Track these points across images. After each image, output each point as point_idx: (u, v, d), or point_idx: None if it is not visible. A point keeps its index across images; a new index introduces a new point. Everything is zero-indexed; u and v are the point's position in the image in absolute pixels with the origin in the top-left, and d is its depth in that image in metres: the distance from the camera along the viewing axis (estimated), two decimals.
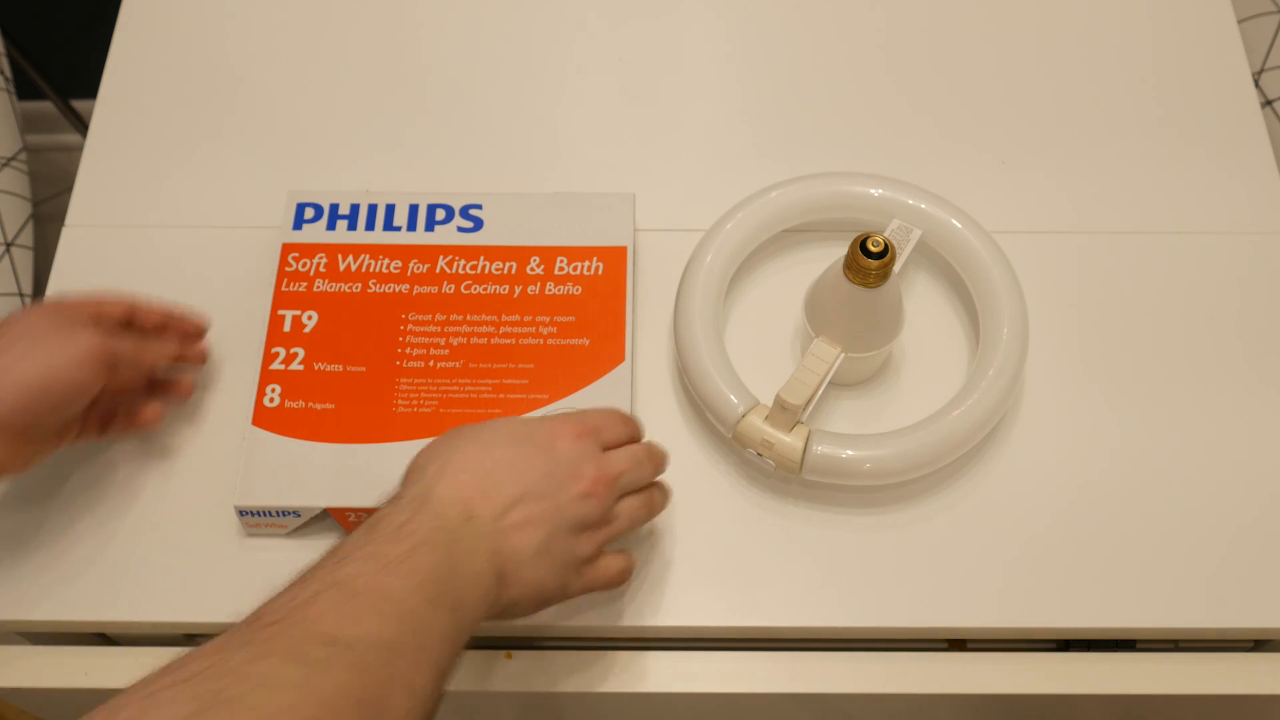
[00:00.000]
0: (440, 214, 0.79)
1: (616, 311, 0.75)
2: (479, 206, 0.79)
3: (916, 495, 0.73)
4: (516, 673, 0.68)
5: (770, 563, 0.71)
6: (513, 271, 0.76)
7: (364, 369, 0.73)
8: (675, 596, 0.71)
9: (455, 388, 0.72)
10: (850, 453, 0.70)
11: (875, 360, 0.75)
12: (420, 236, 0.78)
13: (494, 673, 0.69)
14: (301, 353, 0.74)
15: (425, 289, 0.76)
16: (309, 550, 0.71)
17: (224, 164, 0.86)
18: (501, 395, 0.72)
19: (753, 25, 0.92)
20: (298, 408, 0.72)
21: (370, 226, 0.78)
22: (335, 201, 0.79)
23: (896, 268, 0.69)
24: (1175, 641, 0.72)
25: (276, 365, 0.74)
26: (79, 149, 0.89)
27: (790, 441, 0.70)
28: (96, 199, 0.85)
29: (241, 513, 0.70)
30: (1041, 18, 0.92)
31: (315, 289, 0.76)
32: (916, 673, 0.68)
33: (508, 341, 0.74)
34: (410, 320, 0.75)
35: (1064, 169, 0.85)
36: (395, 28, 0.92)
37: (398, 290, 0.76)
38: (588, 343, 0.74)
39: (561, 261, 0.76)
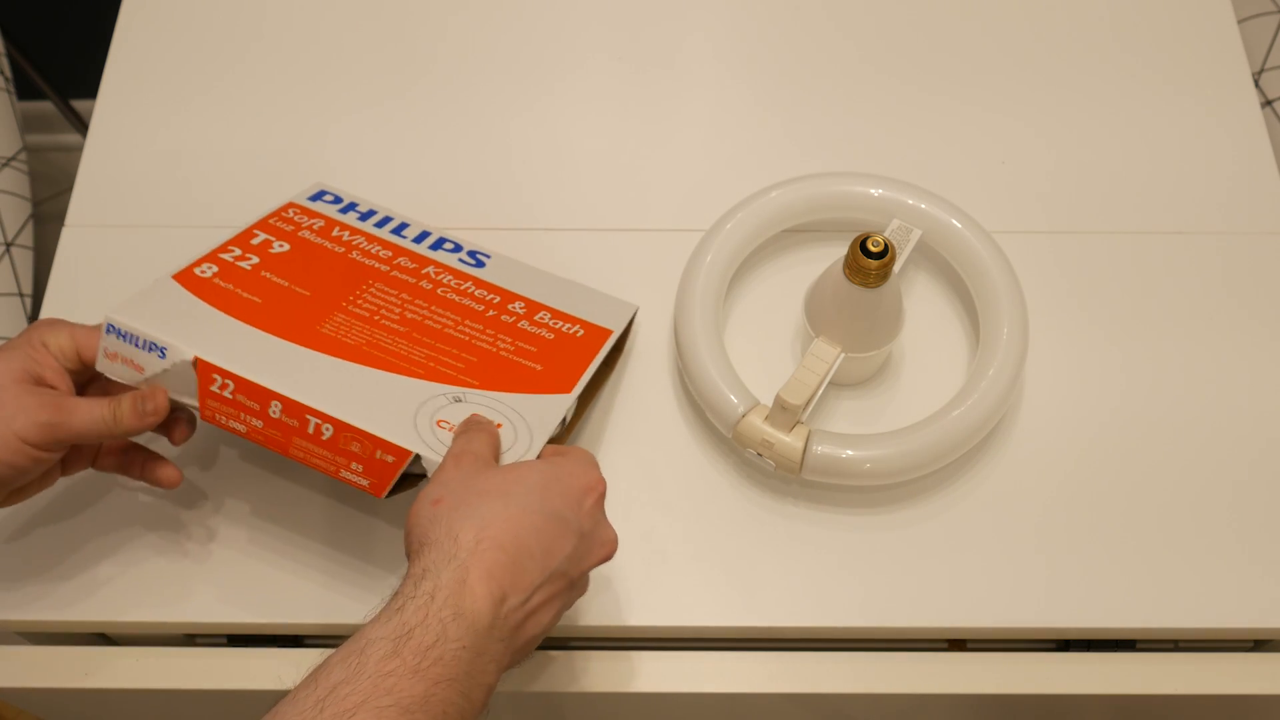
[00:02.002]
0: (449, 245, 0.78)
1: (579, 363, 0.72)
2: (488, 256, 0.78)
3: (916, 495, 0.73)
4: (517, 673, 0.68)
5: (770, 563, 0.71)
6: (494, 302, 0.74)
7: (308, 294, 0.70)
8: (675, 596, 0.71)
9: (388, 340, 0.69)
10: (850, 453, 0.70)
11: (875, 360, 0.75)
12: (421, 249, 0.77)
13: None
14: (255, 259, 0.71)
15: (402, 275, 0.74)
16: (302, 568, 0.72)
17: (224, 164, 0.86)
18: (429, 364, 0.68)
19: (753, 25, 0.92)
20: (224, 288, 0.68)
21: (379, 226, 0.78)
22: (355, 201, 0.79)
23: (896, 268, 0.69)
24: (1175, 641, 0.72)
25: (225, 256, 0.70)
26: (79, 149, 0.89)
27: (790, 441, 0.70)
28: (96, 199, 0.85)
29: (109, 329, 0.64)
30: (1041, 18, 0.92)
31: (299, 235, 0.74)
32: (916, 673, 0.68)
33: (460, 337, 0.71)
34: (374, 287, 0.72)
35: (1064, 168, 0.85)
36: (393, 23, 0.92)
37: (375, 266, 0.74)
38: (539, 368, 0.71)
39: (544, 315, 0.75)
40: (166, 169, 0.86)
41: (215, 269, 0.70)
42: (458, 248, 0.78)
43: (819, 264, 0.75)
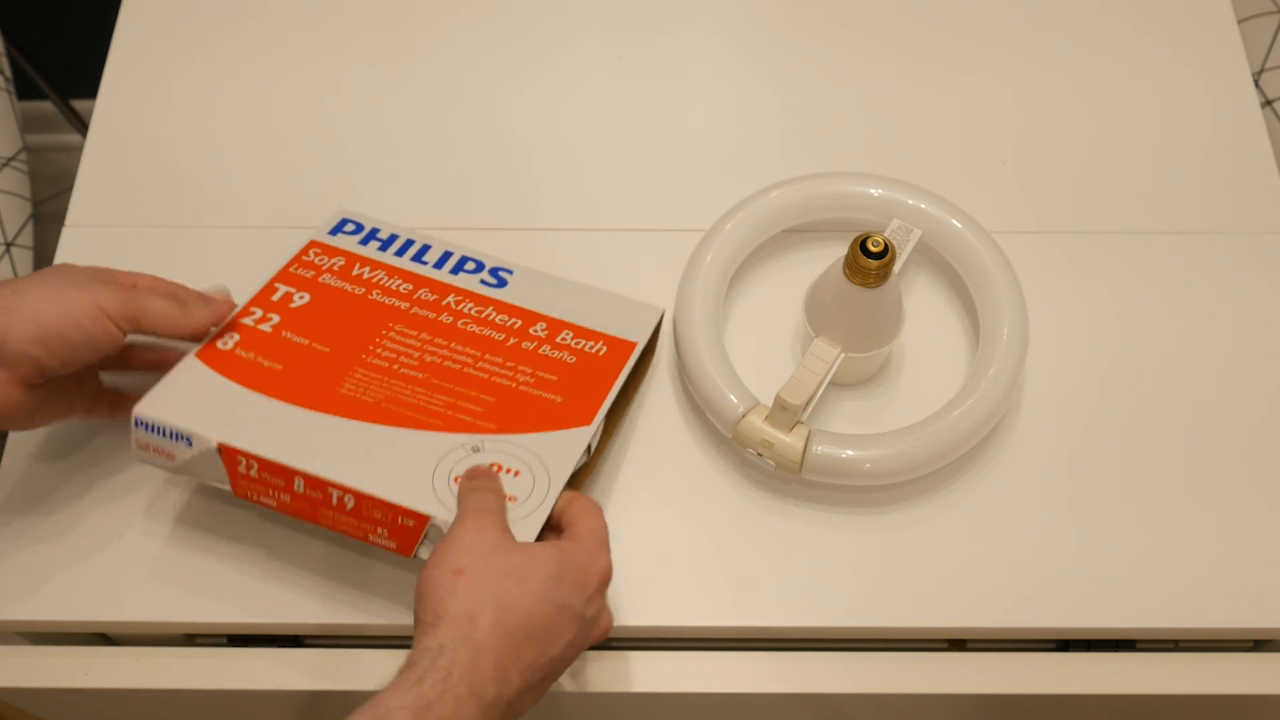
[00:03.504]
0: (470, 265, 0.78)
1: (601, 387, 0.72)
2: (510, 272, 0.78)
3: (916, 495, 0.73)
4: None
5: (770, 563, 0.71)
6: (515, 327, 0.74)
7: (328, 350, 0.71)
8: (675, 596, 0.71)
9: (407, 392, 0.70)
10: (850, 453, 0.70)
11: (875, 360, 0.75)
12: (442, 275, 0.77)
13: None
14: (276, 319, 0.72)
15: (422, 312, 0.75)
16: (299, 559, 0.72)
17: (224, 164, 0.86)
18: (448, 413, 0.69)
19: (753, 25, 0.92)
20: (246, 358, 0.70)
21: (400, 253, 0.78)
22: (377, 226, 0.79)
23: (896, 268, 0.69)
24: (1175, 641, 0.72)
25: (247, 320, 0.72)
26: (79, 149, 0.89)
27: (790, 441, 0.70)
28: (96, 199, 0.85)
29: (137, 423, 0.66)
30: (1041, 19, 0.92)
31: (320, 280, 0.75)
32: (916, 673, 0.68)
33: (480, 375, 0.71)
34: (394, 331, 0.73)
35: (1064, 169, 0.85)
36: (393, 26, 0.92)
37: (396, 305, 0.75)
38: (559, 400, 0.70)
39: (567, 335, 0.74)
40: (166, 169, 0.86)
41: (237, 338, 0.71)
42: (479, 266, 0.78)
43: (819, 264, 0.75)
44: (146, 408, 0.67)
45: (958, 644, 0.74)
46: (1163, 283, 0.81)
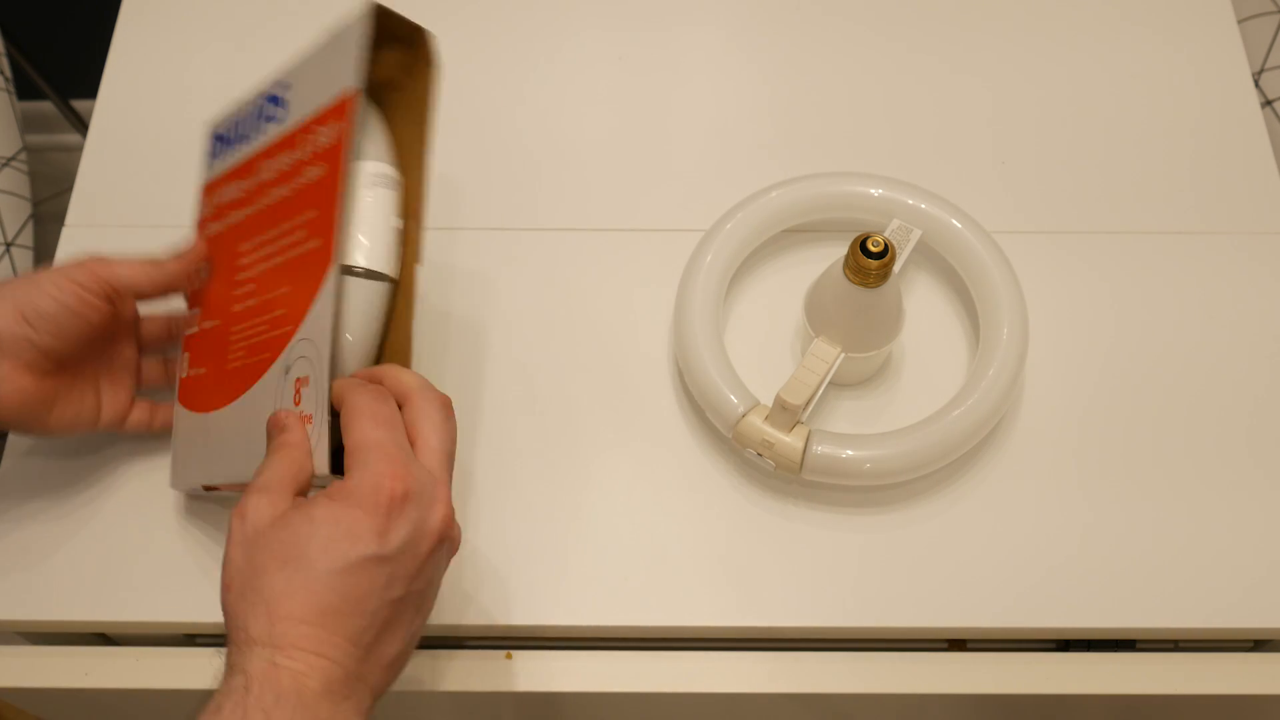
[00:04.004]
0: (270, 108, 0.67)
1: (327, 193, 0.57)
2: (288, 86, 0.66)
3: (916, 495, 0.73)
4: (516, 673, 0.68)
5: (770, 563, 0.71)
6: (279, 172, 0.63)
7: (218, 323, 0.67)
8: (675, 596, 0.71)
9: (251, 329, 0.63)
10: (850, 453, 0.70)
11: (875, 360, 0.75)
12: (246, 150, 0.68)
13: (494, 673, 0.69)
14: (197, 310, 0.71)
15: (234, 215, 0.67)
16: None
17: None
18: (274, 331, 0.61)
19: (753, 25, 0.92)
20: (197, 376, 0.69)
21: (227, 148, 0.70)
22: (218, 132, 0.72)
23: (896, 268, 0.69)
24: (1175, 641, 0.72)
25: (188, 330, 0.71)
26: (79, 149, 0.89)
27: (790, 441, 0.70)
28: (96, 199, 0.85)
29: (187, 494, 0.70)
30: (1041, 18, 0.92)
31: (208, 233, 0.71)
32: (916, 673, 0.68)
33: (278, 261, 0.62)
34: (236, 255, 0.66)
35: (1064, 169, 0.85)
36: None
37: (222, 228, 0.68)
38: (318, 243, 0.58)
39: (305, 146, 0.61)
40: (166, 169, 0.86)
41: (188, 356, 0.70)
42: (275, 101, 0.66)
43: (819, 264, 0.75)
44: (177, 483, 0.70)
45: (958, 644, 0.74)
46: (1163, 283, 0.81)
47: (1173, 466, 0.74)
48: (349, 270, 0.58)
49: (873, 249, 0.67)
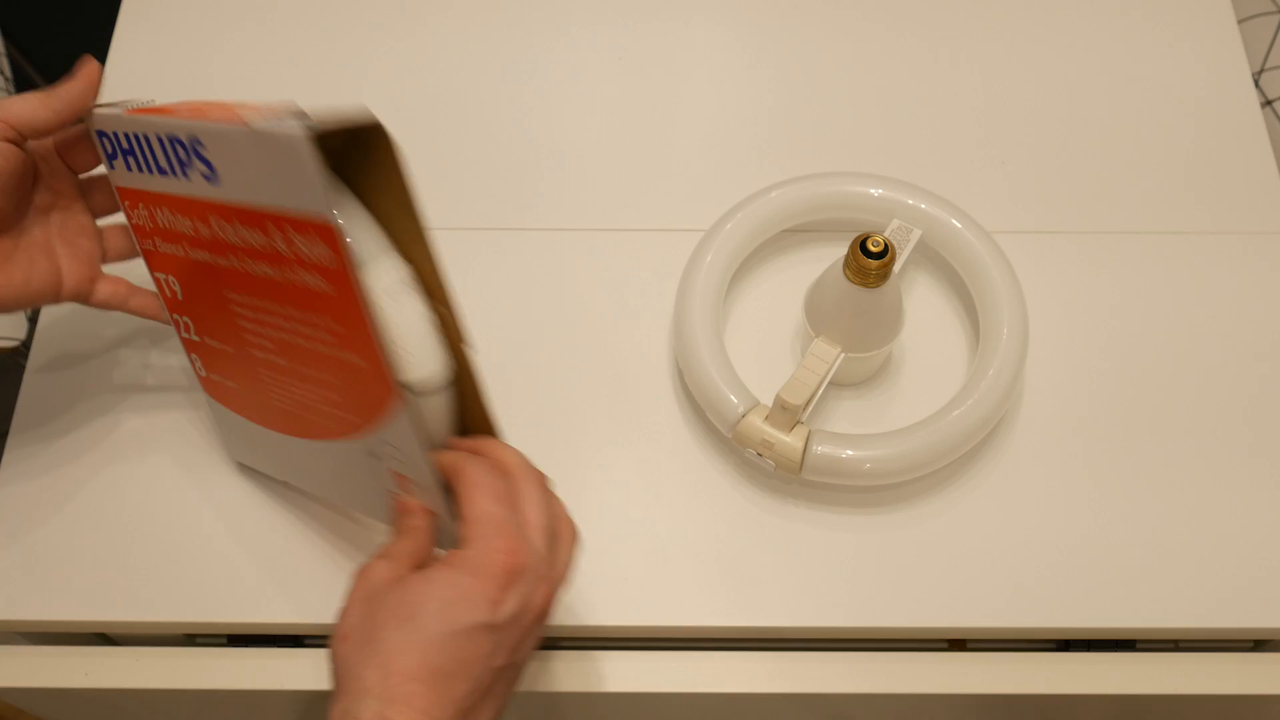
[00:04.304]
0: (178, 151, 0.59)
1: (352, 322, 0.55)
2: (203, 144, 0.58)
3: (916, 495, 0.73)
4: None
5: (770, 563, 0.71)
6: (261, 248, 0.57)
7: (231, 351, 0.65)
8: (675, 596, 0.71)
9: (291, 390, 0.62)
10: (850, 453, 0.70)
11: (875, 360, 0.75)
12: (188, 187, 0.60)
13: None
14: (190, 321, 0.67)
15: (213, 259, 0.60)
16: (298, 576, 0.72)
17: None
18: (325, 409, 0.61)
19: (754, 26, 0.92)
20: (227, 384, 0.67)
21: (154, 168, 0.62)
22: (114, 129, 0.63)
23: (896, 268, 0.69)
24: (1175, 641, 0.72)
25: (185, 334, 0.68)
26: None
27: (790, 441, 0.70)
28: None
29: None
30: (1041, 18, 0.92)
31: (153, 247, 0.65)
32: (916, 673, 0.68)
33: (301, 344, 0.59)
34: (231, 300, 0.62)
35: (1064, 169, 0.85)
36: (393, 26, 0.92)
37: (205, 260, 0.61)
38: (359, 360, 0.57)
39: (280, 240, 0.56)
40: None
41: (199, 359, 0.69)
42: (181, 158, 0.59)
43: (819, 264, 0.75)
44: (231, 455, 0.72)
45: (958, 644, 0.74)
46: (1163, 283, 0.81)
47: (1172, 466, 0.74)
48: (409, 389, 0.58)
49: (873, 249, 0.67)
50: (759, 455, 0.71)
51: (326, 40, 0.91)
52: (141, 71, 0.90)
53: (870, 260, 0.67)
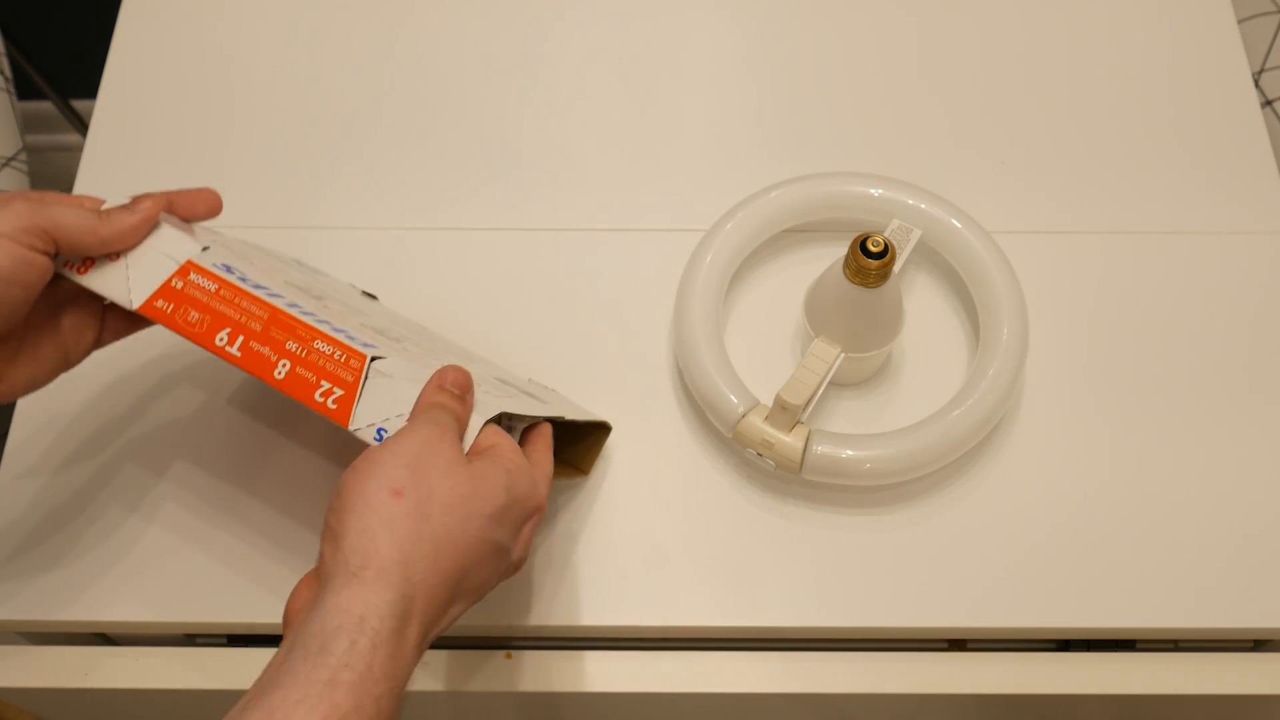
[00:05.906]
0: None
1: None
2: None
3: (916, 495, 0.73)
4: (516, 673, 0.68)
5: (770, 563, 0.71)
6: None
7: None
8: (675, 596, 0.71)
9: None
10: (850, 453, 0.70)
11: (875, 360, 0.75)
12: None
13: (494, 673, 0.69)
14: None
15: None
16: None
17: (223, 165, 0.86)
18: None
19: (753, 25, 0.92)
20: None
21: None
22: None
23: (896, 268, 0.69)
24: (1175, 641, 0.72)
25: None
26: (79, 149, 0.89)
27: (790, 441, 0.70)
28: None
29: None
30: (1041, 17, 0.92)
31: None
32: (916, 673, 0.69)
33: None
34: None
35: (1064, 169, 0.85)
36: (393, 25, 0.92)
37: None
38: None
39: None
40: (166, 169, 0.86)
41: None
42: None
43: (819, 264, 0.75)
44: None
45: (958, 644, 0.74)
46: (1163, 283, 0.81)
47: (1172, 468, 0.74)
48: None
49: (873, 249, 0.67)
50: (759, 455, 0.71)
51: (326, 40, 0.91)
52: (142, 71, 0.90)
53: (870, 260, 0.67)
